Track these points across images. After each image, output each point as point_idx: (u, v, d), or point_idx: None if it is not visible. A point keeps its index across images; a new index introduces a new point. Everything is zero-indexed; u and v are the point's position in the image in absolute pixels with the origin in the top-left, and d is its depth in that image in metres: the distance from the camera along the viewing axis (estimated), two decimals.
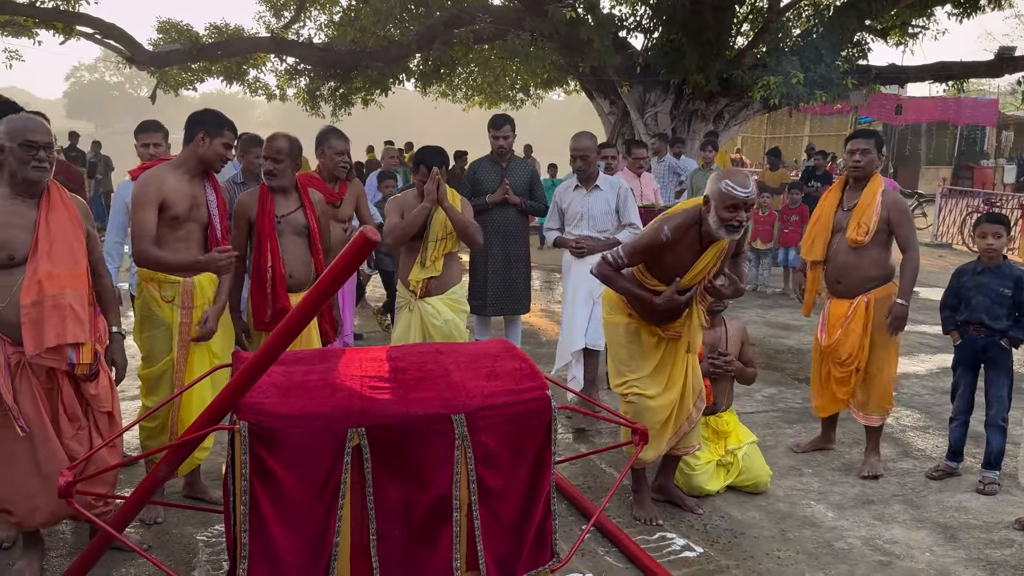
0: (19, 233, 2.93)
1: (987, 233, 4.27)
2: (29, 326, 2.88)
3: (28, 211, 2.97)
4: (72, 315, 2.93)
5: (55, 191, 3.06)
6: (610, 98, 14.24)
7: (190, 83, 16.15)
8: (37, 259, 2.92)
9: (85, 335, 2.96)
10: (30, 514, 3.00)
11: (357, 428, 2.70)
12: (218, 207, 3.69)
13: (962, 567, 3.46)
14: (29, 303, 2.88)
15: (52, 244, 2.95)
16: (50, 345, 2.89)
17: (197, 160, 3.60)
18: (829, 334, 4.44)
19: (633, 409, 3.70)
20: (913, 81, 15.10)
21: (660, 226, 3.51)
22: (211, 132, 3.58)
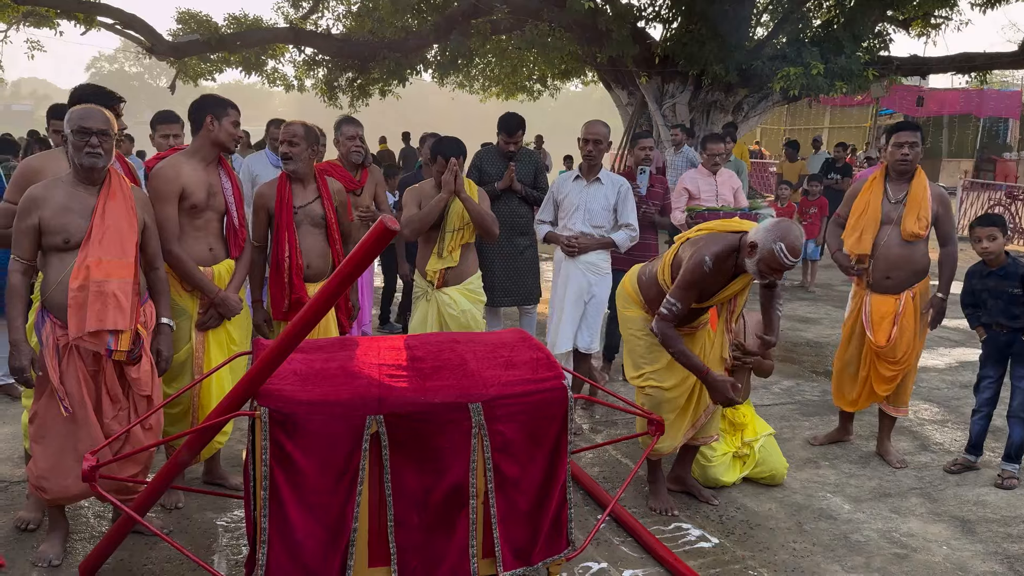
0: (76, 218, 3.03)
1: (981, 236, 4.22)
2: (74, 309, 2.97)
3: (88, 197, 3.07)
4: (114, 302, 3.00)
5: (116, 181, 3.14)
6: (628, 89, 14.18)
7: (209, 73, 16.24)
8: (89, 245, 3.01)
9: (125, 323, 3.02)
10: (63, 491, 3.07)
11: (375, 416, 2.73)
12: (234, 195, 3.71)
13: (979, 561, 3.45)
14: (76, 287, 2.97)
15: (105, 232, 3.04)
16: (90, 329, 2.97)
17: (211, 145, 3.62)
18: (882, 333, 4.34)
19: (651, 401, 3.71)
20: (935, 72, 14.89)
21: (700, 256, 3.38)
22: (218, 114, 3.60)
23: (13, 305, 3.01)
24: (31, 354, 3.02)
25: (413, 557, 2.81)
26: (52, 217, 3.00)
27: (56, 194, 3.04)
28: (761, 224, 3.34)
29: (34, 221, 3.00)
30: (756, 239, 3.29)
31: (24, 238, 3.01)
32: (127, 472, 3.12)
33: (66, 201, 3.03)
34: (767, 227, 3.28)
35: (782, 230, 3.24)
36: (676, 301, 3.44)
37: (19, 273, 3.03)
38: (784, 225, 3.26)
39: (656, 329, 3.50)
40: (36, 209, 3.00)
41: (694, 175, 6.26)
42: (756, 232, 3.31)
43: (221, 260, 3.69)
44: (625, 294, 3.88)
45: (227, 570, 3.20)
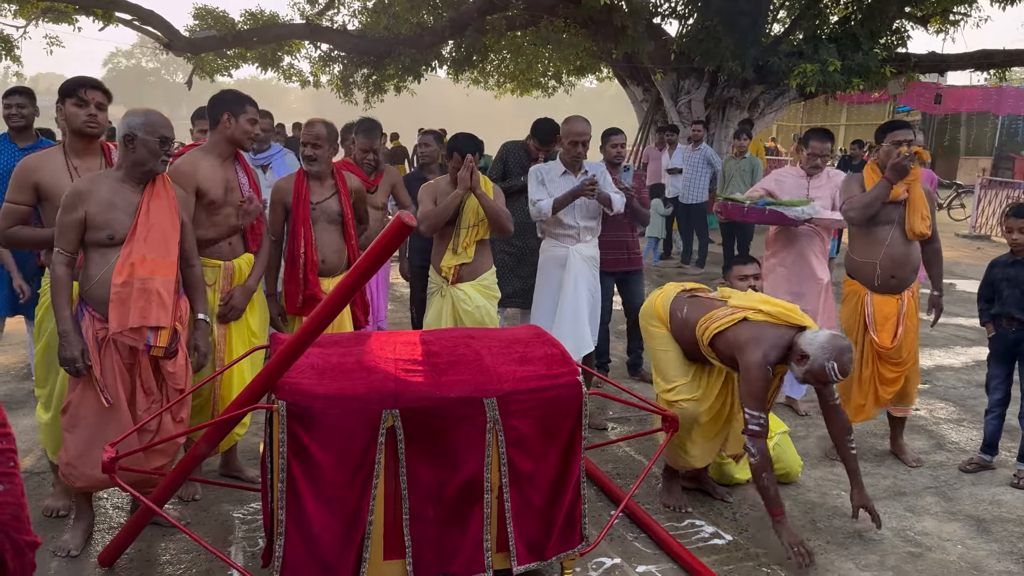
0: (121, 215, 3.08)
1: (1012, 228, 4.20)
2: (116, 304, 3.02)
3: (132, 195, 3.13)
4: (157, 299, 3.05)
5: (160, 180, 3.20)
6: (643, 85, 14.15)
7: (225, 69, 16.33)
8: (133, 242, 3.06)
9: (168, 320, 3.08)
10: (90, 480, 3.12)
11: (391, 410, 2.75)
12: (251, 189, 3.73)
13: (995, 560, 3.43)
14: (119, 283, 3.02)
15: (149, 230, 3.10)
16: (133, 325, 3.01)
17: (227, 142, 3.64)
18: (887, 334, 4.30)
19: (684, 415, 3.64)
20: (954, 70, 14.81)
21: (761, 361, 3.30)
22: (234, 111, 3.62)
23: (60, 296, 3.06)
24: (81, 344, 3.05)
25: (428, 550, 2.84)
26: (98, 213, 3.05)
27: (101, 189, 3.08)
28: (817, 336, 3.27)
29: (80, 215, 3.04)
30: (809, 351, 3.25)
31: (70, 231, 3.05)
32: (155, 463, 3.17)
33: (111, 197, 3.08)
34: (822, 343, 3.24)
35: (837, 350, 3.22)
36: (759, 413, 3.33)
37: (64, 265, 3.07)
38: (840, 345, 3.24)
39: (754, 450, 3.33)
40: (82, 203, 3.04)
41: (784, 174, 5.61)
42: (810, 343, 3.26)
43: (240, 254, 3.72)
44: (654, 313, 3.82)
45: (243, 562, 3.24)
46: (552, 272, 4.82)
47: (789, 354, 3.38)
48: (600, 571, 3.25)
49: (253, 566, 3.17)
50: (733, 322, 3.45)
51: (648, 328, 3.86)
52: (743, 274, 4.22)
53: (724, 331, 3.46)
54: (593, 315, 4.86)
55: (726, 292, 3.76)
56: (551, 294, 4.81)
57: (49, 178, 3.31)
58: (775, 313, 3.43)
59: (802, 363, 3.29)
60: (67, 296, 3.07)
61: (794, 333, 3.38)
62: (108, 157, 3.50)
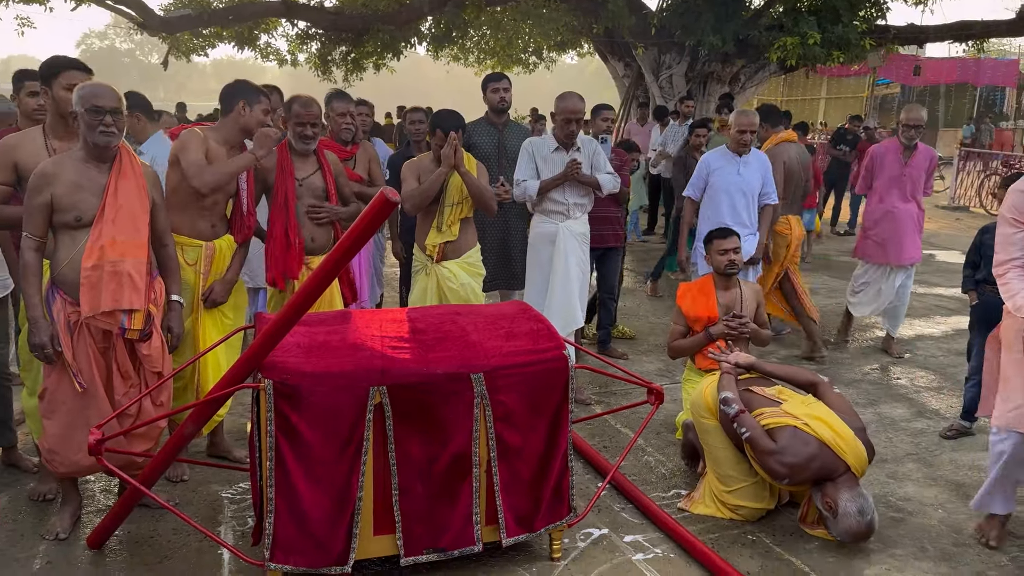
0: (88, 196, 3.02)
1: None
2: (87, 288, 2.97)
3: (99, 176, 3.06)
4: (129, 282, 3.01)
5: (127, 159, 3.13)
6: (624, 60, 14.10)
7: (201, 49, 16.06)
8: (102, 224, 3.01)
9: (140, 303, 3.04)
10: (73, 465, 3.10)
11: (379, 387, 2.76)
12: (247, 179, 3.72)
13: (974, 523, 3.50)
14: (89, 266, 2.97)
15: (118, 211, 3.04)
16: (105, 309, 2.98)
17: (239, 130, 3.64)
18: None
19: (738, 516, 3.51)
20: (932, 41, 14.81)
21: (781, 473, 3.23)
22: (250, 100, 3.61)
23: (29, 283, 3.01)
24: (51, 330, 3.01)
25: (417, 525, 2.86)
26: (64, 195, 2.99)
27: (67, 171, 3.02)
28: (852, 497, 3.19)
29: (46, 198, 2.98)
30: (839, 503, 3.19)
31: (37, 215, 3.00)
32: (138, 447, 3.15)
33: (77, 178, 3.02)
34: (854, 497, 3.18)
35: (865, 510, 3.18)
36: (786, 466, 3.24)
37: (33, 250, 3.02)
38: (868, 506, 3.20)
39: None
40: (48, 186, 2.98)
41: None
42: (842, 496, 3.19)
43: (221, 235, 3.70)
44: (703, 403, 3.59)
45: (233, 540, 3.25)
46: (542, 249, 4.80)
47: (818, 488, 3.28)
48: (588, 542, 3.29)
49: (243, 545, 3.18)
50: (778, 424, 3.31)
51: (699, 420, 3.61)
52: (723, 248, 4.24)
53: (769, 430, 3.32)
54: (583, 292, 4.87)
55: (784, 394, 3.54)
56: (542, 271, 4.79)
57: (28, 158, 3.26)
58: (829, 439, 3.23)
59: (829, 509, 3.22)
60: (37, 282, 3.03)
61: (840, 468, 3.22)
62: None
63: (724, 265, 4.22)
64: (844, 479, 3.23)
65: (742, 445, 3.37)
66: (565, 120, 4.69)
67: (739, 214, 5.25)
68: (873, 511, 3.21)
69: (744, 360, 3.70)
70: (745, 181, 5.27)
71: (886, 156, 5.76)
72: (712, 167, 5.35)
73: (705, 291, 4.32)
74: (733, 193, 5.26)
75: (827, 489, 3.25)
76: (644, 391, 3.38)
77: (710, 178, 5.34)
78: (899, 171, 5.66)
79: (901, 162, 5.67)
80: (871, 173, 5.84)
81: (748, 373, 3.71)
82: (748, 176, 5.27)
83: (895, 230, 5.71)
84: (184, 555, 3.14)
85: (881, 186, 5.77)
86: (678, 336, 4.35)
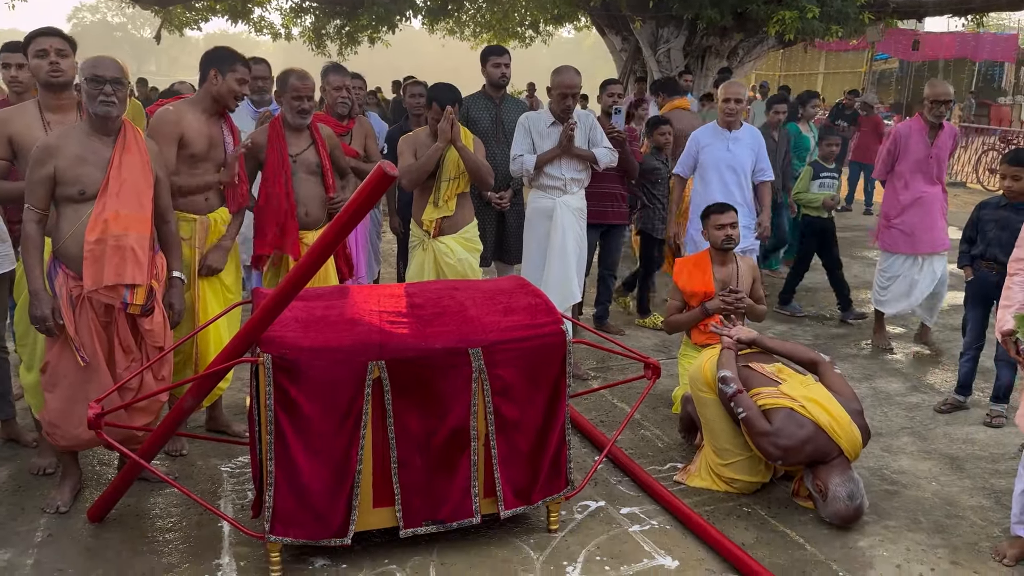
0: (92, 170, 3.01)
1: (1007, 175, 4.22)
2: (90, 262, 2.96)
3: (103, 149, 3.04)
4: (132, 257, 3.00)
5: (131, 133, 3.11)
6: (622, 34, 13.97)
7: (194, 23, 15.88)
8: (106, 198, 2.99)
9: (143, 278, 3.04)
10: (74, 439, 3.11)
11: (377, 361, 2.77)
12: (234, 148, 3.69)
13: (967, 496, 3.54)
14: (93, 240, 2.96)
15: (122, 185, 3.02)
16: (108, 283, 2.97)
17: (212, 99, 3.58)
18: None
19: (734, 489, 3.54)
20: (931, 15, 14.72)
21: (774, 455, 3.27)
22: (222, 68, 3.55)
23: (31, 254, 3.00)
24: (52, 302, 3.00)
25: (416, 497, 2.88)
26: (68, 167, 2.97)
27: (71, 144, 3.00)
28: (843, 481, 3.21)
29: (49, 171, 2.97)
30: (829, 486, 3.20)
31: (39, 187, 2.98)
32: (138, 421, 3.16)
33: (81, 151, 3.00)
34: (844, 482, 3.20)
35: (855, 494, 3.20)
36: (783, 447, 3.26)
37: (34, 223, 3.01)
38: (858, 491, 3.22)
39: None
40: (51, 159, 2.97)
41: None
42: (833, 480, 3.20)
43: (216, 208, 3.68)
44: (702, 377, 3.58)
45: (233, 513, 3.27)
46: (539, 224, 4.78)
47: (810, 470, 3.30)
48: (585, 514, 3.32)
49: (243, 517, 3.21)
50: (774, 406, 3.31)
51: (697, 394, 3.61)
52: (720, 223, 4.23)
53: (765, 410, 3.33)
54: (580, 267, 4.86)
55: (784, 373, 3.53)
56: (539, 246, 4.78)
57: (23, 132, 3.24)
58: (824, 423, 3.23)
59: (819, 491, 3.24)
60: (38, 254, 3.02)
61: (833, 451, 3.24)
62: (83, 112, 3.42)
63: (721, 240, 4.22)
64: (837, 462, 3.26)
65: (738, 420, 3.39)
66: (561, 95, 4.65)
67: (731, 192, 5.16)
68: (863, 496, 3.23)
69: (746, 335, 3.71)
70: (735, 157, 5.18)
71: (911, 137, 5.22)
72: (701, 144, 5.27)
73: (701, 266, 4.32)
74: (723, 170, 5.18)
75: (819, 471, 3.27)
76: (641, 366, 3.40)
77: (700, 155, 5.27)
78: (925, 153, 5.17)
79: (927, 143, 5.17)
80: (893, 156, 5.30)
81: (749, 348, 3.72)
82: (738, 152, 5.19)
83: (924, 217, 5.23)
84: (184, 528, 3.16)
85: (906, 170, 5.24)
86: (675, 311, 4.37)
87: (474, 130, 4.77)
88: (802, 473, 3.40)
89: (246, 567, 2.90)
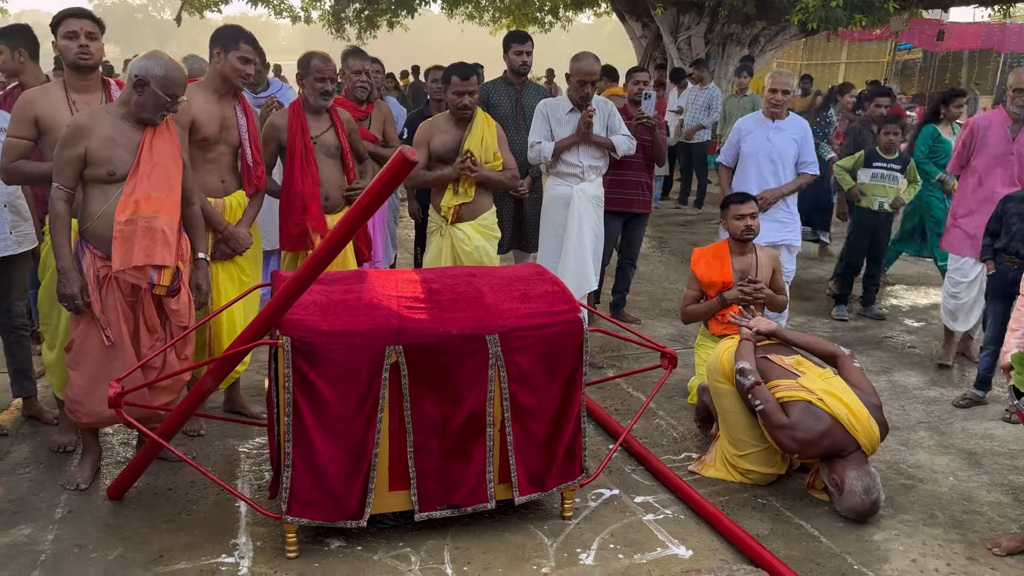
0: (122, 152, 3.03)
1: None
2: (120, 242, 2.98)
3: (133, 132, 3.07)
4: (162, 238, 3.03)
5: None
6: (642, 21, 13.89)
7: (214, 5, 15.96)
8: (137, 179, 3.02)
9: (171, 259, 3.06)
10: (96, 416, 3.15)
11: (395, 346, 2.77)
12: (248, 130, 3.68)
13: (985, 491, 3.52)
14: (123, 220, 2.98)
15: (153, 167, 3.05)
16: (137, 264, 2.99)
17: (220, 78, 3.58)
18: None
19: (750, 480, 3.53)
20: (957, 5, 14.51)
21: (791, 448, 3.25)
22: (226, 46, 3.54)
23: (59, 232, 3.02)
24: (81, 281, 3.03)
25: (432, 482, 2.90)
26: (99, 148, 2.99)
27: (102, 125, 3.02)
28: (859, 475, 3.19)
29: (80, 151, 2.99)
30: (846, 480, 3.19)
31: (68, 167, 3.00)
32: (160, 400, 3.19)
33: (112, 133, 3.02)
34: (861, 476, 3.18)
35: (871, 489, 3.18)
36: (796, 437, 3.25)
37: (63, 201, 3.03)
38: (875, 486, 3.20)
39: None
40: (83, 139, 2.98)
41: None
42: (849, 474, 3.18)
43: (232, 192, 3.69)
44: (719, 368, 3.57)
45: (250, 494, 3.30)
46: (557, 212, 4.76)
47: (826, 464, 3.29)
48: (599, 502, 3.33)
49: (260, 498, 3.23)
50: (792, 399, 3.29)
51: (714, 384, 3.60)
52: (739, 213, 4.20)
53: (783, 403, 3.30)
54: (596, 254, 4.84)
55: (803, 365, 3.50)
56: (556, 233, 4.76)
57: (48, 112, 3.26)
58: (843, 417, 3.21)
59: (837, 487, 3.22)
60: (67, 233, 3.04)
61: (850, 445, 3.22)
62: (109, 93, 3.44)
63: (740, 230, 4.20)
64: (854, 456, 3.24)
65: (755, 412, 3.38)
66: (580, 82, 4.63)
67: (766, 182, 5.00)
68: (879, 490, 3.21)
69: (765, 327, 3.69)
70: (775, 147, 5.00)
71: (990, 130, 4.84)
72: (743, 132, 5.17)
73: (720, 256, 4.30)
74: (760, 159, 5.02)
75: (835, 465, 3.25)
76: (656, 356, 3.39)
77: (741, 144, 5.16)
78: (1005, 148, 4.78)
79: (1008, 137, 4.78)
80: (968, 149, 4.93)
81: (768, 340, 3.70)
82: (779, 142, 5.01)
83: None
84: (202, 507, 3.20)
85: (981, 165, 4.86)
86: (692, 301, 4.35)
87: (494, 115, 4.75)
88: (818, 466, 3.39)
89: (262, 547, 2.93)
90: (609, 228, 5.10)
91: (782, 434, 3.24)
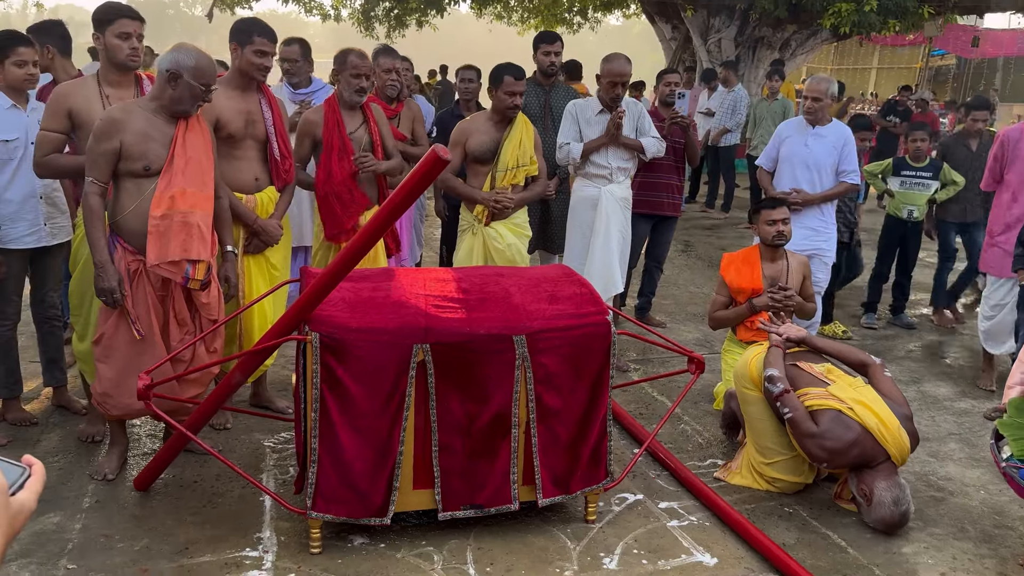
0: (156, 147, 3.06)
1: None
2: (155, 237, 3.01)
3: (166, 127, 3.09)
4: (198, 233, 3.06)
5: (193, 115, 3.17)
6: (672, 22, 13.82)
7: (245, 1, 16.08)
8: (172, 174, 3.04)
9: (207, 254, 3.09)
10: (125, 408, 3.18)
11: (422, 344, 2.77)
12: (274, 123, 3.68)
13: (1017, 506, 3.45)
14: (159, 215, 3.01)
15: (187, 163, 3.08)
16: (173, 258, 3.02)
17: (239, 74, 3.60)
18: None
19: (775, 489, 3.50)
20: (994, 11, 14.28)
21: (819, 456, 3.21)
22: (242, 40, 3.55)
23: (95, 226, 3.04)
24: (118, 275, 3.05)
25: (456, 481, 2.89)
26: (134, 143, 3.02)
27: (136, 119, 3.04)
28: (889, 486, 3.15)
29: (115, 145, 3.00)
30: (875, 491, 3.14)
31: (103, 161, 3.02)
32: (189, 393, 3.22)
33: (146, 128, 3.04)
34: (890, 487, 3.14)
35: (901, 500, 3.13)
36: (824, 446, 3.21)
37: (97, 195, 3.05)
38: (905, 497, 3.15)
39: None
40: (117, 133, 3.00)
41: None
42: (879, 485, 3.14)
43: (264, 188, 3.71)
44: (747, 374, 3.52)
45: (275, 488, 3.31)
46: (584, 213, 4.73)
47: (855, 474, 3.24)
48: (623, 506, 3.30)
49: (285, 493, 3.25)
50: (822, 407, 3.25)
51: (742, 391, 3.55)
52: (771, 219, 4.16)
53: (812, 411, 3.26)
54: (623, 257, 4.81)
55: (833, 374, 3.45)
56: (583, 235, 4.74)
57: (82, 105, 3.29)
58: (873, 426, 3.16)
59: (865, 498, 3.18)
60: (102, 227, 3.06)
61: (880, 456, 3.17)
62: (141, 87, 3.46)
63: (772, 236, 4.15)
64: (883, 467, 3.19)
65: (783, 420, 3.34)
66: (611, 83, 4.60)
67: (801, 188, 4.88)
68: (909, 502, 3.16)
69: (795, 334, 3.64)
70: (812, 154, 4.85)
71: (1020, 142, 4.60)
72: (783, 136, 5.06)
73: (750, 262, 4.26)
74: (796, 165, 4.89)
75: (864, 476, 3.21)
76: (682, 361, 3.36)
77: (780, 148, 5.05)
78: None
79: None
80: (1000, 163, 4.67)
81: (797, 347, 3.66)
82: (816, 149, 4.86)
83: None
84: (227, 501, 3.22)
85: (1015, 180, 4.60)
86: (720, 307, 4.31)
87: None
88: (846, 476, 3.34)
89: (286, 542, 2.94)
90: (638, 230, 5.07)
91: (811, 443, 3.20)
